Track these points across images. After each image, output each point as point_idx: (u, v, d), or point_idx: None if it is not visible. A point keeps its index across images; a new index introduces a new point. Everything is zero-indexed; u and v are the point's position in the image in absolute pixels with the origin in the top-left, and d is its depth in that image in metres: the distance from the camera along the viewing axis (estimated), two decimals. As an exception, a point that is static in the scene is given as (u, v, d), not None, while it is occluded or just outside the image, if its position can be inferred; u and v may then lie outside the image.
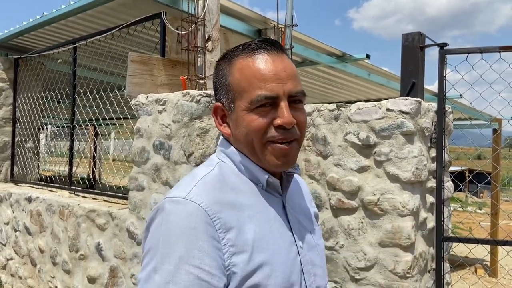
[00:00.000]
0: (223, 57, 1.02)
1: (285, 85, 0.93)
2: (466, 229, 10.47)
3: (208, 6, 2.93)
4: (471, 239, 2.69)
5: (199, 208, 0.87)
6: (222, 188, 0.94)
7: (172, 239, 0.84)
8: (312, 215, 1.19)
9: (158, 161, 2.74)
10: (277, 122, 0.93)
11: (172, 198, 0.90)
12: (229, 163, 1.01)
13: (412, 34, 2.86)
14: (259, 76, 0.93)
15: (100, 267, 3.18)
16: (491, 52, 2.57)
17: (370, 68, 6.04)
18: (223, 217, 0.88)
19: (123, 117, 4.16)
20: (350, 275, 2.57)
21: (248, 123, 0.94)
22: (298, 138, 0.97)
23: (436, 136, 2.65)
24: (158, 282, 0.82)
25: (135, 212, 2.90)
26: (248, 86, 0.93)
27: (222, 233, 0.87)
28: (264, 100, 0.92)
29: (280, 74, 0.93)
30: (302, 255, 1.00)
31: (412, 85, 2.79)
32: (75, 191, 4.09)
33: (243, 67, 0.95)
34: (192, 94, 2.54)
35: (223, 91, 1.00)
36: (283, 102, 0.93)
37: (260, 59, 0.94)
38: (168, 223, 0.87)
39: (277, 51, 0.96)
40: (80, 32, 4.55)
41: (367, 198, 2.50)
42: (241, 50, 0.97)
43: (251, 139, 0.95)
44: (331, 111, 2.72)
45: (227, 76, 0.98)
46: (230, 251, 0.87)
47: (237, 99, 0.96)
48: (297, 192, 1.15)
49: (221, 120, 1.03)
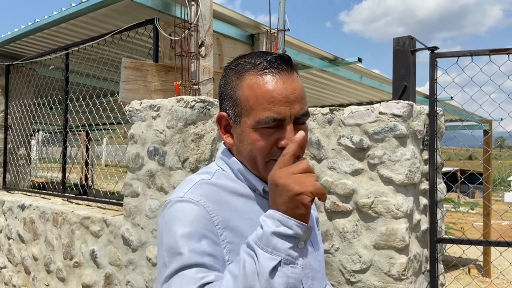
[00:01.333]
0: (232, 67, 1.02)
1: (293, 108, 0.95)
2: (459, 230, 10.55)
3: (201, 12, 2.94)
4: (464, 240, 2.72)
5: (197, 204, 0.92)
6: (220, 191, 0.98)
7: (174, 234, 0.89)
8: (314, 219, 1.21)
9: (152, 167, 2.74)
10: (282, 143, 0.95)
11: (171, 199, 0.96)
12: (228, 171, 1.04)
13: (403, 38, 2.90)
14: (268, 97, 0.94)
15: (95, 275, 3.17)
16: (481, 55, 2.60)
17: (362, 72, 6.08)
18: (220, 214, 0.93)
19: (116, 123, 4.15)
20: (345, 278, 2.58)
21: (252, 141, 0.96)
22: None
23: (428, 138, 2.68)
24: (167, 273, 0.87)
25: (130, 219, 2.89)
26: (257, 106, 0.95)
27: (220, 229, 0.91)
28: (272, 122, 0.94)
29: (289, 97, 0.95)
30: None
31: (404, 88, 2.82)
32: (68, 198, 4.06)
33: (253, 84, 0.96)
34: (186, 99, 2.55)
35: (230, 103, 1.01)
36: (289, 125, 0.95)
37: (271, 80, 0.95)
38: (169, 220, 0.93)
39: (288, 71, 0.97)
40: (72, 38, 4.54)
41: (361, 201, 2.52)
42: (253, 66, 0.97)
43: (254, 156, 0.98)
44: (324, 115, 2.74)
45: (236, 90, 0.99)
46: (228, 248, 0.91)
47: (243, 115, 0.98)
48: None
49: (225, 130, 1.05)
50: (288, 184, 0.82)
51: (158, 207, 2.71)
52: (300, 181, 0.82)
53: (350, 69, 5.73)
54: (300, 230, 0.81)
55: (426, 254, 2.67)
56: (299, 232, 0.81)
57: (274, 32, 3.74)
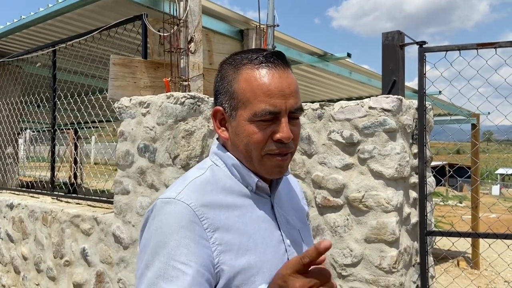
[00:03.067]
0: (229, 62, 1.04)
1: (288, 102, 0.97)
2: (448, 223, 10.68)
3: (189, 8, 2.92)
4: (453, 232, 2.76)
5: (187, 208, 0.92)
6: (212, 189, 0.99)
7: (162, 237, 0.90)
8: (304, 213, 1.23)
9: (143, 164, 2.73)
10: (277, 136, 0.96)
11: (163, 199, 0.96)
12: (221, 166, 1.05)
13: (392, 33, 2.91)
14: (265, 90, 0.96)
15: (86, 273, 3.14)
16: (468, 49, 2.63)
17: (352, 67, 6.10)
18: (211, 217, 0.93)
19: (106, 120, 4.12)
20: (337, 272, 2.60)
21: (248, 134, 0.98)
22: (293, 150, 1.02)
23: (418, 132, 2.70)
24: (149, 277, 0.88)
25: (120, 216, 2.87)
26: (254, 98, 0.96)
27: (210, 232, 0.92)
28: (268, 115, 0.96)
29: (285, 91, 0.97)
30: (289, 253, 1.04)
31: (393, 83, 2.84)
32: (57, 197, 4.03)
33: (250, 78, 0.98)
34: (176, 96, 2.53)
35: (226, 97, 1.02)
36: (283, 118, 0.97)
37: (267, 73, 0.97)
38: (158, 222, 0.93)
39: (283, 66, 0.99)
40: (59, 35, 4.48)
41: (352, 195, 2.54)
42: (249, 60, 0.99)
43: (250, 149, 0.99)
44: (314, 110, 2.75)
45: (232, 83, 1.00)
46: (219, 250, 0.92)
47: (240, 108, 0.99)
48: (288, 192, 1.19)
49: (220, 124, 1.05)
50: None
51: (149, 204, 2.69)
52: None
53: (339, 64, 5.75)
54: None
55: (416, 247, 2.70)
56: None
57: (264, 27, 3.73)
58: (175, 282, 0.85)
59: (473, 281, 5.44)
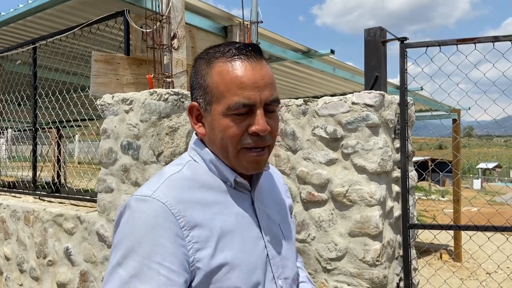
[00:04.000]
0: (202, 56, 1.03)
1: (262, 94, 0.95)
2: (431, 217, 10.86)
3: (172, 3, 2.90)
4: (435, 225, 2.81)
5: (163, 207, 0.90)
6: (190, 186, 0.97)
7: (136, 236, 0.88)
8: (287, 207, 1.22)
9: (126, 161, 2.71)
10: (252, 129, 0.95)
11: (139, 196, 0.94)
12: (199, 161, 1.04)
13: (373, 29, 2.94)
14: (238, 83, 0.94)
15: (70, 272, 3.11)
16: (448, 45, 2.67)
17: (335, 63, 6.15)
18: (187, 215, 0.92)
19: (88, 119, 4.07)
20: (322, 266, 2.63)
21: (223, 128, 0.96)
22: (270, 144, 1.01)
23: (400, 127, 2.74)
24: (122, 275, 0.86)
25: (104, 215, 2.85)
26: (227, 92, 0.95)
27: (186, 231, 0.90)
28: (242, 108, 0.94)
29: (258, 83, 0.95)
30: (269, 249, 1.04)
31: (376, 78, 2.87)
32: (40, 196, 3.97)
33: (222, 71, 0.96)
34: (159, 92, 2.52)
35: (201, 92, 1.01)
36: (259, 110, 0.95)
37: (240, 66, 0.96)
38: (133, 220, 0.91)
39: (257, 58, 0.98)
40: (39, 32, 4.41)
41: (336, 190, 2.56)
42: (222, 53, 0.98)
43: (226, 144, 0.97)
44: (298, 106, 2.76)
45: (206, 78, 0.99)
46: (195, 248, 0.90)
47: (214, 102, 0.97)
48: (269, 186, 1.18)
49: (196, 119, 1.04)
50: None
51: (133, 202, 2.67)
52: None
53: (323, 61, 5.78)
54: None
55: (399, 240, 2.74)
56: None
57: (247, 24, 3.73)
58: (150, 282, 0.84)
59: (455, 273, 5.55)
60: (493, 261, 5.13)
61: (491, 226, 2.64)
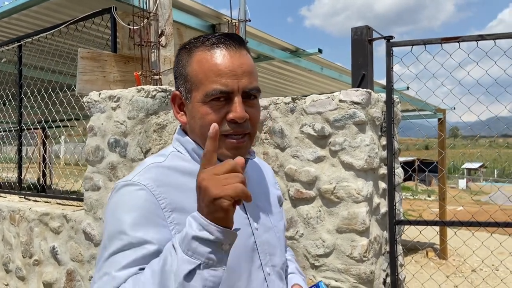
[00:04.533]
0: (184, 47, 1.05)
1: (240, 81, 0.97)
2: (417, 217, 10.98)
3: (159, 1, 2.89)
4: (421, 221, 2.84)
5: (144, 188, 0.93)
6: (172, 174, 0.99)
7: (119, 216, 0.91)
8: (275, 197, 1.23)
9: (114, 159, 2.69)
10: (230, 116, 0.96)
11: (120, 182, 0.98)
12: (183, 151, 1.05)
13: (360, 28, 2.97)
14: (216, 70, 0.96)
15: (56, 272, 3.08)
16: (433, 44, 2.71)
17: (323, 63, 6.18)
18: (169, 197, 0.94)
19: (74, 118, 4.03)
20: (310, 263, 2.64)
21: (202, 115, 0.98)
22: (251, 132, 1.02)
23: (386, 125, 2.77)
24: (105, 256, 0.89)
25: (91, 213, 2.82)
26: (205, 79, 0.97)
27: (167, 212, 0.92)
28: (219, 94, 0.96)
29: (236, 70, 0.97)
30: (257, 236, 1.05)
31: (362, 77, 2.90)
32: (25, 195, 3.92)
33: (201, 59, 0.98)
34: (147, 89, 2.51)
35: (182, 80, 1.03)
36: (237, 97, 0.97)
37: (218, 54, 0.98)
38: (114, 203, 0.95)
39: (236, 46, 0.99)
40: (25, 30, 4.35)
41: (324, 187, 2.58)
42: (201, 42, 1.00)
43: (205, 131, 0.97)
44: (287, 104, 2.77)
45: (186, 67, 1.01)
46: (177, 229, 0.92)
47: (193, 90, 0.99)
48: (258, 176, 1.20)
49: (179, 108, 1.06)
50: (208, 187, 0.79)
51: (120, 200, 2.66)
52: (221, 183, 0.79)
53: (311, 60, 5.81)
54: (221, 235, 0.80)
55: (386, 236, 2.77)
56: (220, 237, 0.79)
57: (235, 22, 3.74)
58: (130, 255, 0.86)
59: (440, 269, 5.62)
60: (478, 256, 5.21)
61: (475, 222, 2.68)
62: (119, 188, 0.96)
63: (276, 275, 1.09)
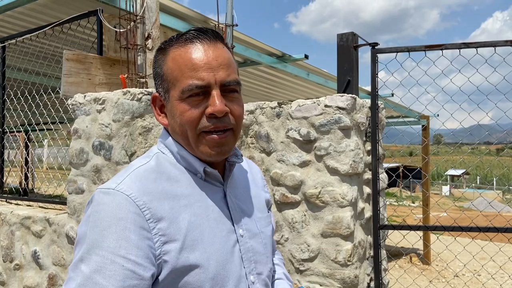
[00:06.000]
0: (159, 48, 1.03)
1: (217, 74, 0.93)
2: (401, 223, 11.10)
3: (147, 4, 2.89)
4: (404, 226, 2.88)
5: (127, 199, 0.87)
6: (157, 178, 0.95)
7: (99, 229, 0.85)
8: (263, 201, 1.20)
9: (98, 162, 2.66)
10: (208, 110, 0.93)
11: (102, 189, 0.91)
12: (167, 153, 1.02)
13: (346, 35, 3.01)
14: (190, 65, 0.93)
15: (38, 276, 3.02)
16: (417, 51, 2.76)
17: (309, 68, 6.23)
18: (153, 207, 0.89)
19: (59, 121, 3.98)
20: (295, 267, 2.65)
21: (180, 113, 0.95)
22: (234, 127, 0.98)
23: (371, 130, 2.80)
24: (84, 271, 0.82)
25: (74, 217, 2.79)
26: (180, 76, 0.94)
27: (152, 223, 0.87)
28: (195, 89, 0.93)
29: (211, 63, 0.94)
30: (241, 243, 1.02)
31: (348, 82, 2.93)
32: (7, 199, 3.85)
33: (175, 56, 0.96)
34: (133, 92, 2.50)
35: (159, 81, 1.00)
36: (214, 90, 0.93)
37: (192, 49, 0.95)
38: (96, 214, 0.87)
39: (210, 40, 0.97)
40: (8, 30, 4.30)
41: (309, 192, 2.59)
42: (176, 40, 0.98)
43: (185, 129, 0.96)
44: (273, 109, 2.79)
45: (162, 66, 0.99)
46: (161, 240, 0.88)
47: (171, 89, 0.97)
48: (245, 180, 1.17)
49: (160, 110, 1.04)
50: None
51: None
52: None
53: (297, 66, 5.85)
54: None
55: (370, 241, 2.79)
56: None
57: (222, 27, 3.75)
58: (113, 277, 0.80)
59: (423, 273, 5.68)
60: (460, 261, 5.28)
61: (457, 227, 2.72)
62: (101, 195, 0.89)
63: (261, 283, 1.06)
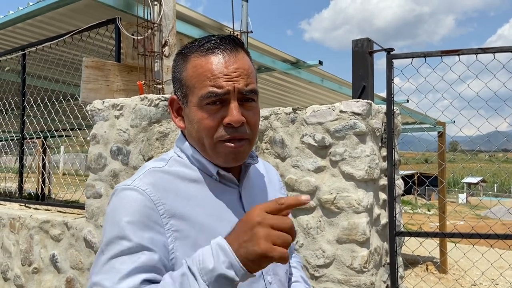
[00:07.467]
0: (180, 52, 1.05)
1: (236, 84, 0.95)
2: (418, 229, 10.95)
3: (164, 12, 2.94)
4: (421, 232, 2.85)
5: (143, 194, 0.92)
6: (172, 179, 0.98)
7: (116, 221, 0.90)
8: None
9: (116, 167, 2.70)
10: (226, 120, 0.95)
11: (120, 186, 0.96)
12: (183, 157, 1.04)
13: (361, 40, 3.01)
14: (210, 74, 0.95)
15: (56, 280, 3.07)
16: (433, 56, 2.75)
17: (323, 75, 6.23)
18: (167, 203, 0.93)
19: (77, 128, 4.05)
20: (310, 273, 2.64)
21: (198, 120, 0.97)
22: (250, 137, 1.00)
23: (386, 136, 2.79)
24: (103, 260, 0.88)
25: (92, 221, 2.83)
26: (199, 83, 0.96)
27: (165, 218, 0.91)
28: (214, 97, 0.94)
29: (231, 74, 0.95)
30: None
31: (363, 88, 2.93)
32: (26, 203, 3.92)
33: (196, 64, 0.98)
34: (150, 98, 2.54)
35: (178, 85, 1.03)
36: (232, 100, 0.95)
37: (213, 59, 0.97)
38: (113, 208, 0.93)
39: (231, 49, 0.98)
40: (29, 39, 4.40)
41: (324, 197, 2.59)
42: (197, 47, 1.00)
43: (202, 136, 0.98)
44: (287, 114, 2.80)
45: (182, 72, 1.01)
46: (174, 236, 0.91)
47: (189, 94, 0.99)
48: (262, 181, 1.18)
49: (177, 113, 1.06)
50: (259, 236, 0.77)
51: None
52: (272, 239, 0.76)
53: (311, 72, 5.86)
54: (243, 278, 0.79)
55: (386, 248, 2.77)
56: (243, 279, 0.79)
57: (237, 34, 3.79)
58: (127, 262, 0.85)
59: (440, 281, 5.59)
60: (478, 269, 5.19)
61: (475, 234, 2.68)
62: (118, 192, 0.95)
63: (278, 283, 1.07)
